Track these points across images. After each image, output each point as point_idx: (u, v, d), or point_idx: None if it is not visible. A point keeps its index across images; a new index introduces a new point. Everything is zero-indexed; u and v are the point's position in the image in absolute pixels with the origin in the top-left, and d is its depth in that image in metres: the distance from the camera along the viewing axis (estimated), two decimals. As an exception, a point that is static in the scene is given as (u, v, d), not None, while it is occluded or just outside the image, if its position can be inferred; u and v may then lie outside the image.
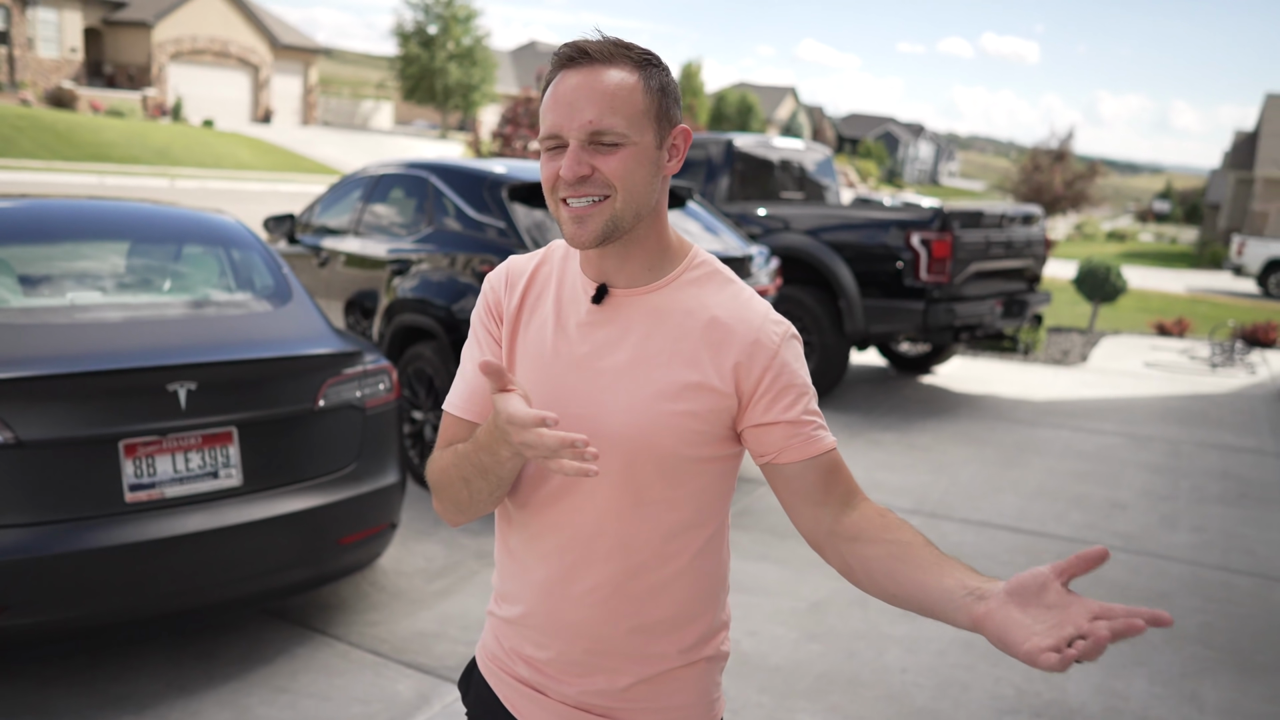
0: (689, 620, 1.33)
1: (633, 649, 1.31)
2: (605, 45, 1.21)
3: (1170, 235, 44.66)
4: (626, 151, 1.19)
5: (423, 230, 5.02)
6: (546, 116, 1.21)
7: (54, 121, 26.26)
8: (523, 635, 1.35)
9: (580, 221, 1.20)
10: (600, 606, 1.29)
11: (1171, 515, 5.00)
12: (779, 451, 1.26)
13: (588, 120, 1.18)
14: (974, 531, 4.63)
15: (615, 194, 1.20)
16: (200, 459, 2.83)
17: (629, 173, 1.20)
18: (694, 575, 1.32)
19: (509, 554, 1.36)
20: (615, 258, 1.26)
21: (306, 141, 34.20)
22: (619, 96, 1.19)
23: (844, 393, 7.45)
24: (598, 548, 1.28)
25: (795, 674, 3.22)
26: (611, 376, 1.25)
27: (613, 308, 1.28)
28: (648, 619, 1.30)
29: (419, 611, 3.50)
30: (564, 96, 1.19)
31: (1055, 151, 32.97)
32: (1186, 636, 3.62)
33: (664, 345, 1.25)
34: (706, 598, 1.35)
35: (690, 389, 1.24)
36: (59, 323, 2.87)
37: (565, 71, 1.21)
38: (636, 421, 1.23)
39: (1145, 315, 13.58)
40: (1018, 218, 7.29)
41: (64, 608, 2.62)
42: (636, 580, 1.29)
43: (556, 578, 1.30)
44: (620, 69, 1.20)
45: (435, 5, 43.39)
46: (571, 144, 1.19)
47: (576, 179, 1.19)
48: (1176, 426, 6.95)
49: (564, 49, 1.21)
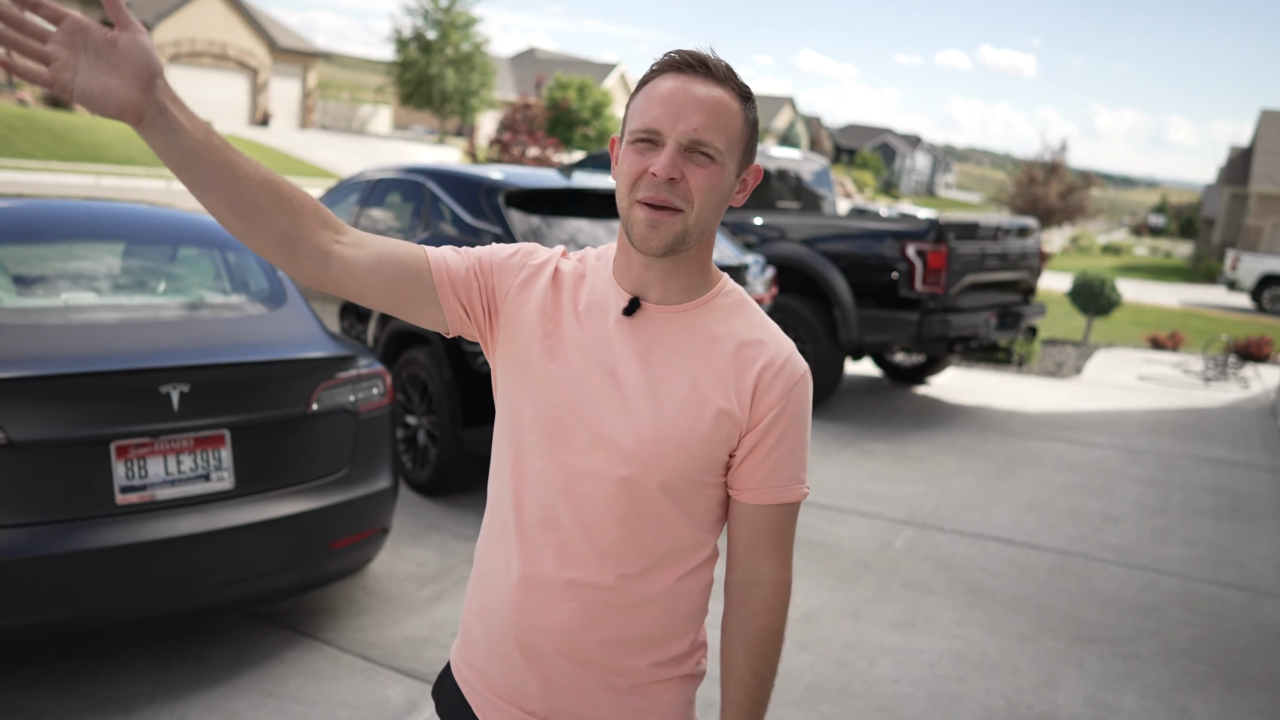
0: (664, 639, 1.33)
1: (604, 660, 1.30)
2: (721, 64, 1.22)
3: (1165, 249, 44.84)
4: (714, 169, 1.20)
5: (419, 235, 5.02)
6: (648, 110, 1.20)
7: (51, 122, 26.24)
8: (491, 630, 1.33)
9: (655, 226, 1.20)
10: (577, 613, 1.28)
11: (1163, 528, 5.01)
12: (740, 491, 1.30)
13: (694, 126, 1.18)
14: (966, 543, 4.63)
15: (691, 208, 1.20)
16: (192, 461, 2.82)
17: (710, 190, 1.20)
18: (676, 597, 1.31)
19: (489, 549, 1.35)
20: (660, 271, 1.26)
21: (304, 145, 34.20)
22: (724, 116, 1.20)
23: (838, 403, 7.46)
24: (588, 556, 1.27)
25: (785, 684, 3.21)
26: (631, 389, 1.25)
27: (643, 321, 1.27)
28: (622, 633, 1.30)
29: (410, 617, 3.48)
30: (672, 97, 1.19)
31: (1050, 164, 33.10)
32: (1177, 650, 3.62)
33: (689, 366, 1.26)
34: (685, 620, 1.34)
35: (709, 413, 1.24)
36: (52, 323, 2.87)
37: (676, 75, 1.21)
38: (651, 437, 1.23)
39: (1139, 329, 13.63)
40: (1013, 230, 7.32)
41: (52, 609, 2.60)
42: (618, 594, 1.28)
43: (538, 578, 1.29)
44: (729, 92, 1.22)
45: (434, 11, 43.45)
46: (670, 144, 1.18)
47: (668, 179, 1.18)
48: (1169, 440, 6.97)
49: (681, 55, 1.21)
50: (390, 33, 43.95)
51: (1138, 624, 3.83)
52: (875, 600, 3.91)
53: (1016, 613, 3.87)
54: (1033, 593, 4.08)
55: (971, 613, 3.85)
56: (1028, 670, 3.41)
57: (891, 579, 4.14)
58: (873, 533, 4.70)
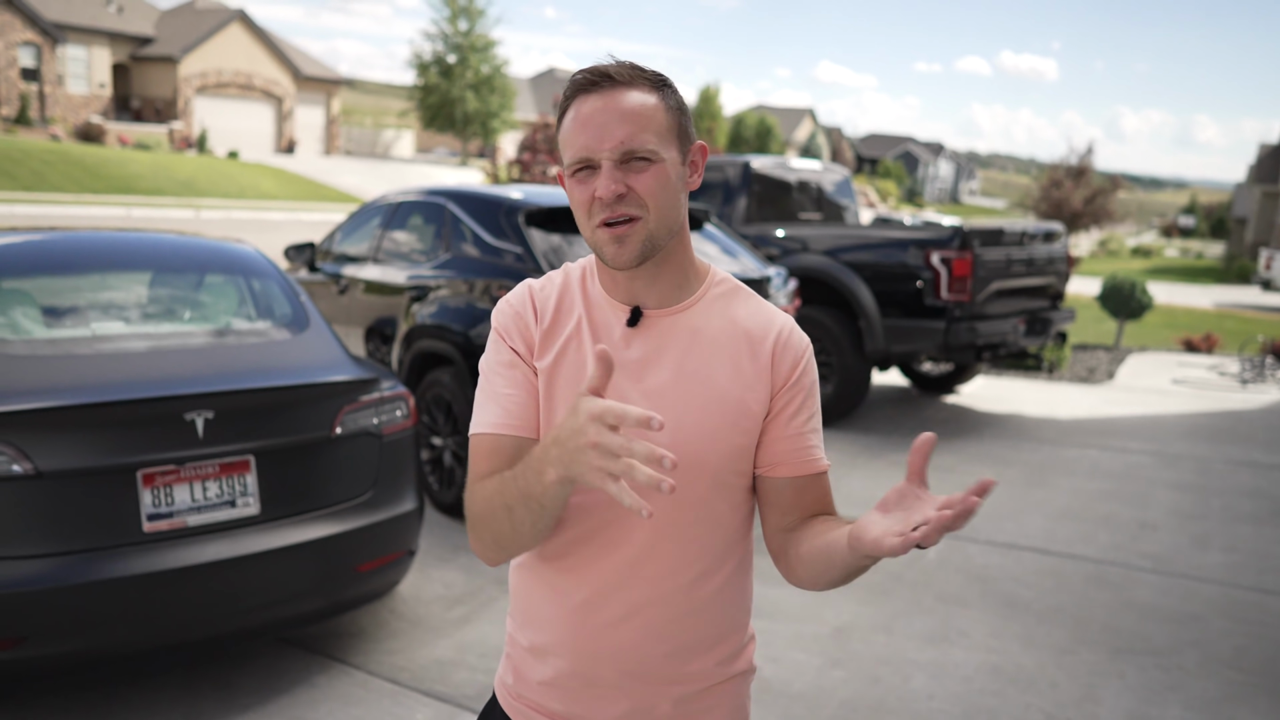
0: (724, 636, 1.34)
1: (671, 671, 1.30)
2: (624, 68, 1.24)
3: (1196, 250, 44.22)
4: (657, 168, 1.22)
5: (441, 256, 5.04)
6: (575, 141, 1.22)
7: (82, 156, 26.77)
8: (551, 664, 1.31)
9: (620, 241, 1.22)
10: (642, 630, 1.27)
11: (1202, 535, 4.90)
12: (773, 466, 1.31)
13: (619, 140, 1.20)
14: (1000, 554, 4.55)
15: (648, 213, 1.22)
16: (218, 488, 2.83)
17: (661, 189, 1.23)
18: (732, 592, 1.33)
19: (537, 580, 1.32)
20: (646, 278, 1.28)
21: (329, 171, 34.64)
22: (644, 115, 1.22)
23: (865, 414, 7.39)
24: (644, 571, 1.27)
25: (818, 702, 3.16)
26: (656, 398, 1.25)
27: (647, 328, 1.28)
28: (687, 639, 1.30)
29: (438, 639, 3.47)
30: (591, 119, 1.21)
31: (1075, 168, 32.77)
32: (1221, 660, 3.53)
33: (704, 361, 1.27)
34: (740, 613, 1.36)
35: (734, 403, 1.26)
36: (78, 353, 2.90)
37: (586, 96, 1.23)
38: (687, 441, 1.23)
39: (1172, 331, 13.42)
40: (1039, 235, 7.23)
41: (82, 638, 2.61)
42: (679, 601, 1.28)
43: (596, 602, 1.27)
44: (640, 90, 1.23)
45: (454, 35, 43.92)
46: (605, 164, 1.20)
47: (614, 197, 1.20)
48: (1206, 444, 6.83)
49: (583, 75, 1.23)
50: (411, 58, 44.47)
51: (1179, 634, 3.74)
52: (908, 614, 3.85)
53: (1053, 624, 3.79)
54: (1069, 604, 4.00)
55: (1007, 625, 3.77)
56: (1066, 684, 3.33)
57: (924, 592, 4.08)
58: (904, 545, 4.62)
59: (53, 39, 33.16)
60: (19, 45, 32.40)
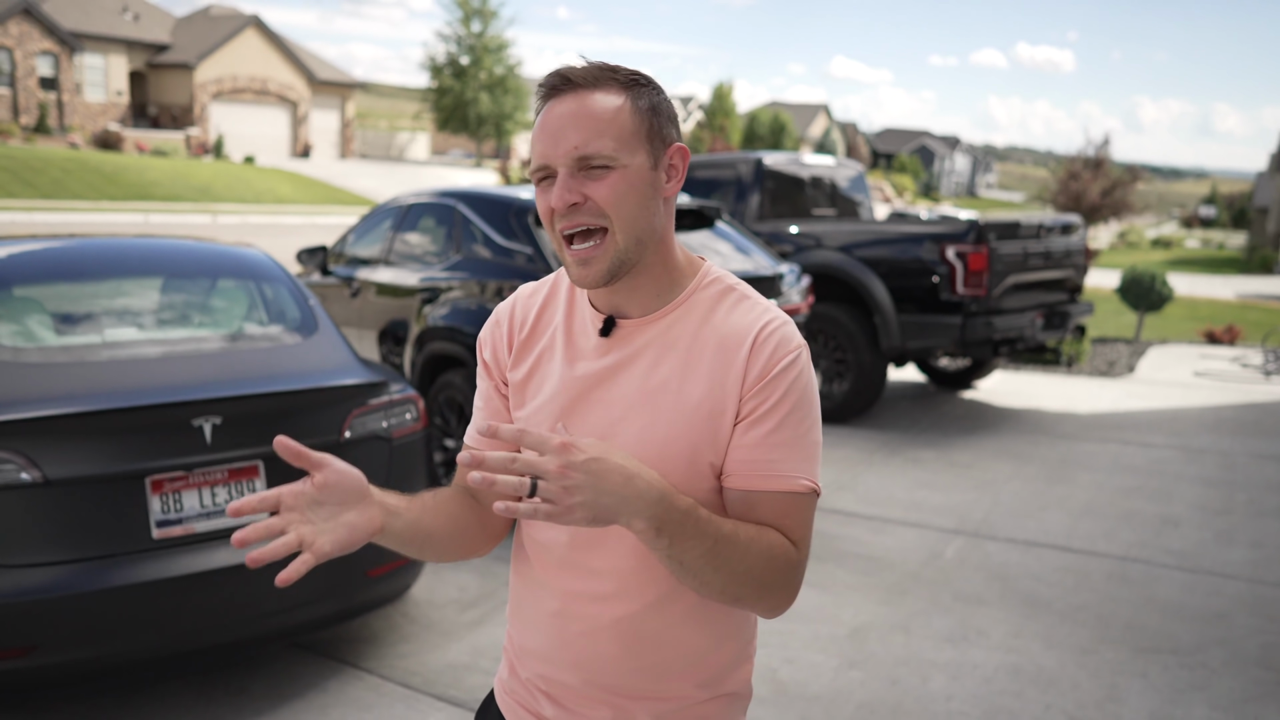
0: (702, 657, 1.27)
1: (645, 687, 1.26)
2: (589, 70, 1.18)
3: (1217, 240, 43.72)
4: (616, 175, 1.15)
5: (451, 258, 5.03)
6: (534, 148, 1.18)
7: (101, 163, 26.99)
8: (534, 666, 1.32)
9: (586, 264, 1.17)
10: (611, 644, 1.24)
11: (1227, 530, 4.82)
12: (727, 475, 1.19)
13: (573, 145, 1.14)
14: (1019, 551, 4.49)
15: (611, 224, 1.15)
16: (226, 493, 2.82)
17: (621, 197, 1.15)
18: (709, 611, 1.26)
19: (524, 582, 1.34)
20: (625, 290, 1.23)
21: (344, 174, 34.78)
22: (604, 119, 1.15)
23: (882, 410, 7.32)
24: (612, 586, 1.24)
25: (835, 703, 3.12)
26: (622, 408, 1.21)
27: (622, 337, 1.24)
28: (660, 657, 1.25)
29: (450, 643, 3.45)
30: (550, 125, 1.16)
31: (1092, 159, 32.43)
32: (1247, 659, 3.46)
33: (675, 370, 1.21)
34: (722, 635, 1.29)
35: (705, 414, 1.18)
36: (87, 360, 2.89)
37: (551, 102, 1.18)
38: (650, 455, 1.17)
39: (1194, 323, 13.25)
40: (1056, 227, 7.15)
41: (94, 646, 2.61)
42: (648, 619, 1.24)
43: (568, 613, 1.26)
44: (606, 92, 1.17)
45: (467, 37, 44.02)
46: (560, 172, 1.15)
47: (567, 207, 1.15)
48: (1230, 437, 6.73)
49: (547, 78, 1.18)
50: (425, 60, 44.59)
51: (1204, 632, 3.67)
52: (926, 614, 3.80)
53: (1075, 623, 3.73)
54: (1091, 602, 3.94)
55: (1027, 624, 3.72)
56: (1088, 684, 3.27)
57: (942, 591, 4.02)
58: (922, 543, 4.58)
59: (70, 48, 33.47)
60: (37, 55, 32.73)
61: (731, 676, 1.31)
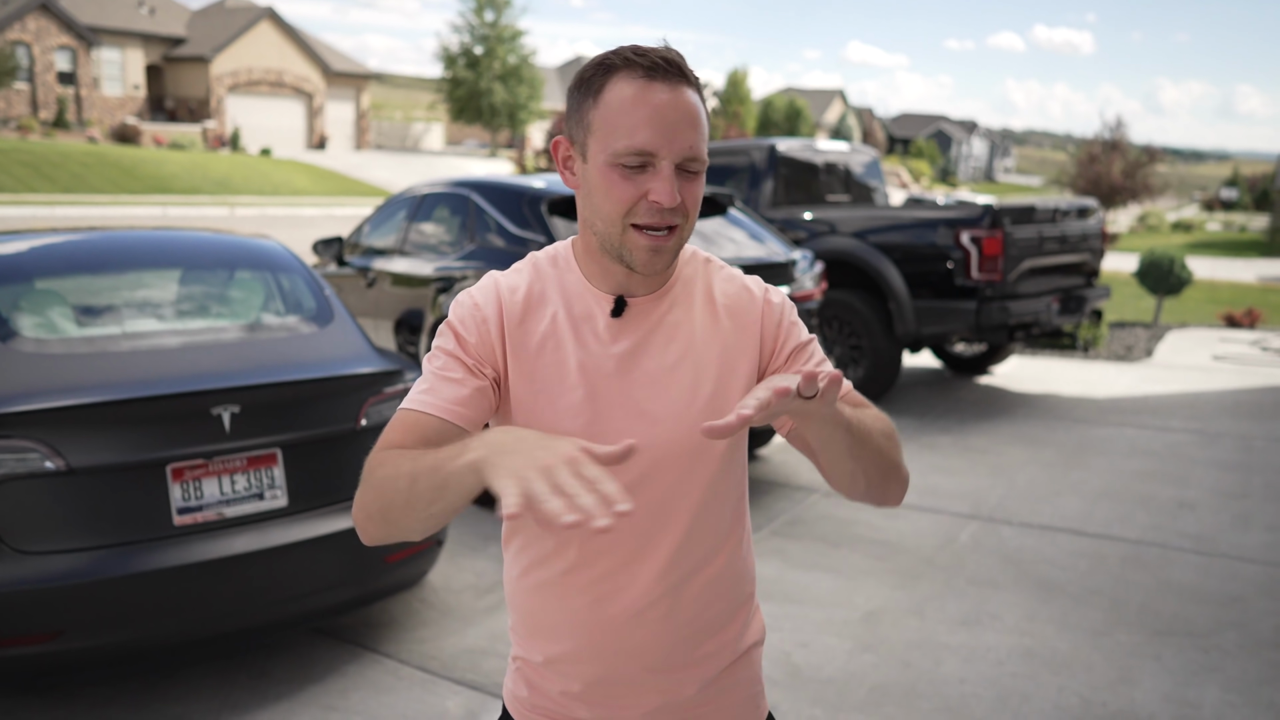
0: (735, 610, 1.33)
1: (692, 656, 1.29)
2: (684, 62, 1.16)
3: (1239, 223, 43.18)
4: (701, 178, 1.18)
5: (466, 247, 5.06)
6: (635, 130, 1.11)
7: (119, 157, 27.21)
8: (574, 674, 1.27)
9: (659, 252, 1.17)
10: (660, 621, 1.25)
11: (1244, 514, 4.80)
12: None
13: (688, 145, 1.13)
14: (1035, 535, 4.49)
15: (686, 221, 1.17)
16: (246, 481, 2.87)
17: (699, 200, 1.18)
18: (737, 564, 1.32)
19: (546, 594, 1.27)
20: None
21: (360, 165, 34.91)
22: (703, 121, 1.16)
23: (898, 396, 7.32)
24: (657, 562, 1.24)
25: (848, 686, 3.15)
26: (649, 385, 1.22)
27: (632, 317, 1.25)
28: (703, 621, 1.29)
29: (467, 628, 3.50)
30: (660, 114, 1.11)
31: (1110, 142, 32.09)
32: (1262, 641, 3.46)
33: (693, 342, 1.25)
34: (747, 584, 1.36)
35: (729, 378, 1.24)
36: (104, 350, 2.94)
37: (650, 82, 1.12)
38: (690, 424, 1.21)
39: (1214, 307, 13.13)
40: (1072, 211, 7.10)
41: (118, 631, 2.66)
42: (691, 585, 1.27)
43: (609, 603, 1.24)
44: (694, 92, 1.16)
45: (480, 27, 43.99)
46: (668, 168, 1.12)
47: (675, 207, 1.14)
48: (1248, 421, 6.68)
49: (652, 58, 1.12)
50: (439, 50, 44.60)
51: (1219, 615, 3.67)
52: (940, 598, 3.81)
53: (1089, 607, 3.74)
54: (1106, 585, 3.94)
55: (1041, 608, 3.72)
56: (1102, 666, 3.28)
57: (957, 575, 4.04)
58: (936, 528, 4.58)
59: (88, 42, 33.70)
60: (55, 50, 32.98)
61: (753, 624, 1.38)
